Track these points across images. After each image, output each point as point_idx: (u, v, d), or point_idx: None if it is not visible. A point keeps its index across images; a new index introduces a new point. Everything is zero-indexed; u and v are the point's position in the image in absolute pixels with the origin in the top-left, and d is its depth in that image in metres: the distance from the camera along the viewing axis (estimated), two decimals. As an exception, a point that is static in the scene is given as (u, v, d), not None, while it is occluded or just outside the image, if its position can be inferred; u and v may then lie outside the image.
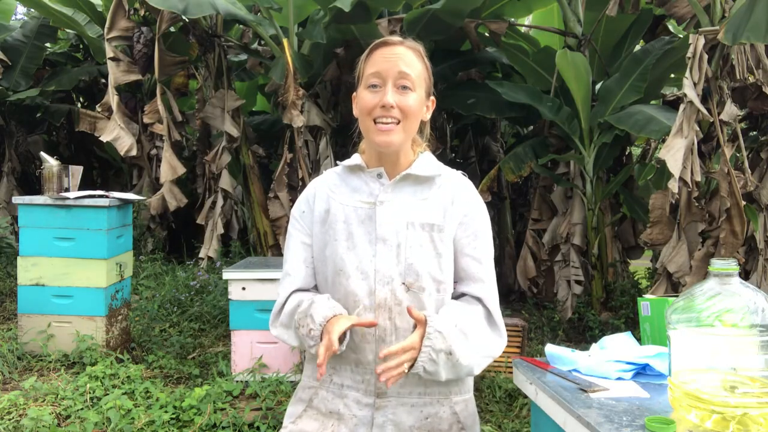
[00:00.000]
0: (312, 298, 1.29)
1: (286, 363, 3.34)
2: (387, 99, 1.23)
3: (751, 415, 0.95)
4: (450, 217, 1.30)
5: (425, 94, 1.31)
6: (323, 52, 5.27)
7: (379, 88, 1.25)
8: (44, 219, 3.67)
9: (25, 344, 3.67)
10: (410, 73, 1.25)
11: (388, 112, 1.23)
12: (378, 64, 1.26)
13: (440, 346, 1.17)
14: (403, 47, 1.27)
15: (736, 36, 3.29)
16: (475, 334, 1.24)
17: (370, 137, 1.27)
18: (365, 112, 1.27)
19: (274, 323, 1.37)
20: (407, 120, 1.26)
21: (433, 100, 1.35)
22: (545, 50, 5.35)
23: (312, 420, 1.32)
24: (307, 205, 1.37)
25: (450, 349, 1.18)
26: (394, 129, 1.24)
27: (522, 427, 2.91)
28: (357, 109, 1.32)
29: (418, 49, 1.30)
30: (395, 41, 1.28)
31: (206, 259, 5.71)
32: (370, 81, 1.26)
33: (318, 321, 1.22)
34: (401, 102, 1.24)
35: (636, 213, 5.06)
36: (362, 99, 1.27)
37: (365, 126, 1.28)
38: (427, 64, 1.31)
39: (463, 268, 1.32)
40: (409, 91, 1.25)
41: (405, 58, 1.26)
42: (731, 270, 1.02)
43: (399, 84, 1.25)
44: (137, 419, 2.75)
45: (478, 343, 1.25)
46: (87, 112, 6.46)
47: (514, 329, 3.53)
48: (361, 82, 1.30)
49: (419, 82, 1.27)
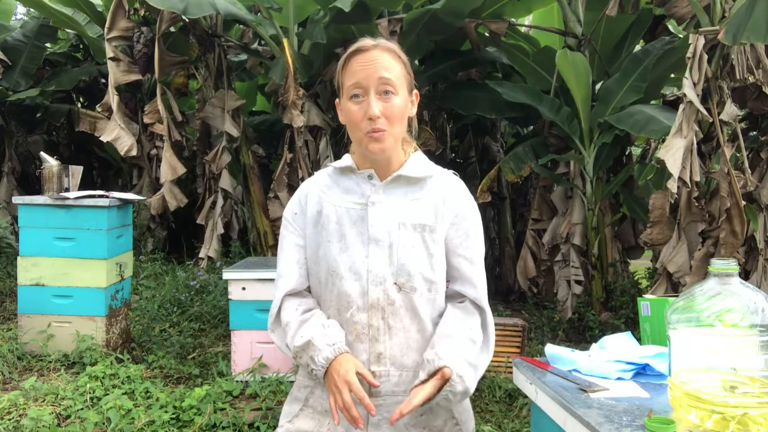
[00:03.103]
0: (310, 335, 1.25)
1: (286, 363, 3.34)
2: (372, 111, 1.23)
3: (751, 415, 0.95)
4: (441, 218, 1.31)
5: (408, 92, 1.31)
6: (323, 52, 5.27)
7: (362, 98, 1.25)
8: (44, 219, 3.67)
9: (25, 344, 3.67)
10: (390, 77, 1.25)
11: (375, 124, 1.24)
12: (356, 75, 1.25)
13: (459, 389, 1.21)
14: (377, 51, 1.26)
15: (736, 36, 3.29)
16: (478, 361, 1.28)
17: (363, 146, 1.28)
18: (353, 125, 1.27)
19: (272, 328, 1.37)
20: (393, 125, 1.26)
21: (416, 94, 1.35)
22: (545, 50, 5.35)
23: (308, 419, 1.32)
24: (299, 207, 1.38)
25: (467, 389, 1.22)
26: (384, 135, 1.25)
27: (522, 427, 2.91)
28: (343, 119, 1.32)
29: (393, 48, 1.30)
30: (368, 46, 1.27)
31: (206, 259, 5.71)
32: (351, 92, 1.26)
33: (320, 364, 1.23)
34: (386, 110, 1.25)
35: (636, 213, 5.06)
36: (348, 112, 1.27)
37: (356, 137, 1.29)
38: (404, 61, 1.31)
39: (456, 267, 1.33)
40: (392, 95, 1.25)
41: (382, 62, 1.25)
42: (731, 270, 1.02)
43: (381, 90, 1.25)
44: (137, 419, 2.75)
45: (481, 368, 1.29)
46: (87, 112, 6.47)
47: (514, 329, 3.53)
48: (342, 92, 1.30)
49: (400, 83, 1.27)
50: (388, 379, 1.27)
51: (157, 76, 5.53)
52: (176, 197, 5.72)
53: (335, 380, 1.19)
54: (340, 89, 1.31)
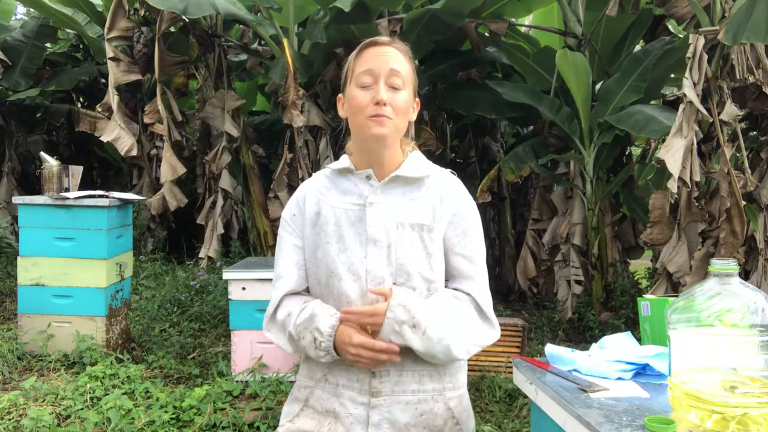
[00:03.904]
0: (311, 309, 1.29)
1: (286, 363, 3.34)
2: (380, 96, 1.25)
3: (751, 415, 0.94)
4: (439, 217, 1.32)
5: (413, 94, 1.34)
6: (323, 52, 5.27)
7: (371, 86, 1.27)
8: (44, 219, 3.67)
9: (25, 344, 3.67)
10: (400, 71, 1.29)
11: (381, 109, 1.26)
12: (369, 62, 1.28)
13: (402, 318, 1.21)
14: (392, 47, 1.31)
15: (736, 36, 3.29)
16: (454, 316, 1.26)
17: (364, 132, 1.28)
18: (358, 110, 1.28)
19: (268, 327, 1.39)
20: (397, 117, 1.28)
21: (417, 102, 1.38)
22: (545, 50, 5.35)
23: (309, 419, 1.33)
24: (297, 208, 1.39)
25: (413, 321, 1.21)
26: (386, 121, 1.26)
27: (522, 427, 2.91)
28: (346, 108, 1.33)
29: (406, 50, 1.34)
30: (384, 41, 1.32)
31: (206, 259, 5.71)
32: (361, 79, 1.28)
33: (326, 333, 1.25)
34: (392, 100, 1.27)
35: (636, 213, 5.06)
36: (354, 97, 1.28)
37: (358, 122, 1.29)
38: (413, 65, 1.36)
39: (454, 266, 1.33)
40: (399, 90, 1.29)
41: (395, 57, 1.30)
42: (731, 270, 1.02)
43: (390, 82, 1.28)
44: (137, 419, 2.75)
45: (459, 326, 1.26)
46: (87, 112, 6.46)
47: (514, 329, 3.53)
48: (350, 80, 1.32)
49: (408, 81, 1.31)
50: (388, 379, 1.28)
51: (157, 76, 5.53)
52: (176, 197, 5.72)
53: (348, 351, 1.23)
54: (348, 78, 1.33)
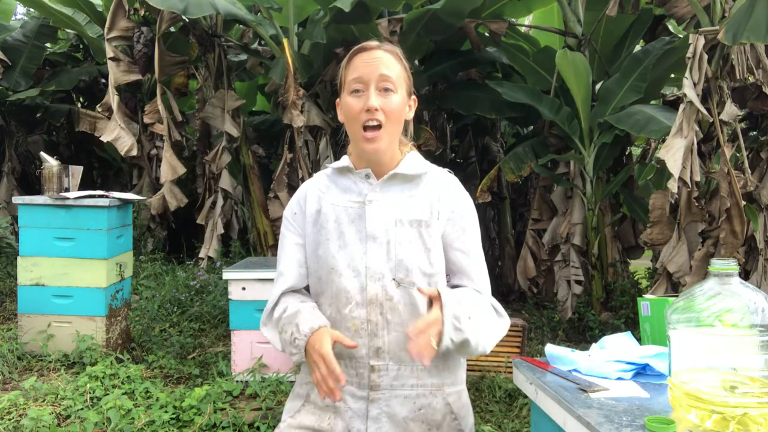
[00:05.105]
0: (298, 306, 1.32)
1: (286, 363, 3.34)
2: (371, 102, 1.28)
3: (751, 415, 0.95)
4: (437, 213, 1.35)
5: (407, 94, 1.36)
6: (323, 52, 5.26)
7: (362, 92, 1.30)
8: (44, 219, 3.67)
9: (25, 344, 3.67)
10: (390, 75, 1.31)
11: (373, 115, 1.29)
12: (359, 69, 1.31)
13: (459, 312, 1.21)
14: (381, 51, 1.33)
15: (736, 36, 3.29)
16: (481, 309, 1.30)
17: (359, 145, 1.33)
18: (351, 118, 1.32)
19: (265, 323, 1.42)
20: (390, 121, 1.31)
21: (414, 99, 1.41)
22: (545, 50, 5.35)
23: (310, 414, 1.35)
24: (298, 207, 1.43)
25: (469, 313, 1.23)
26: (379, 135, 1.30)
27: (522, 427, 2.91)
28: (342, 115, 1.37)
29: (396, 51, 1.36)
30: (373, 46, 1.34)
31: (206, 259, 5.71)
32: (352, 86, 1.32)
33: (303, 331, 1.26)
34: (384, 105, 1.29)
35: (636, 213, 5.06)
36: (347, 105, 1.32)
37: (353, 132, 1.33)
38: (405, 65, 1.37)
39: (454, 262, 1.36)
40: (391, 93, 1.31)
41: (384, 61, 1.32)
42: (731, 270, 1.02)
43: (381, 87, 1.30)
44: (137, 419, 2.75)
45: (486, 319, 1.30)
46: (87, 112, 6.46)
47: (514, 329, 3.52)
48: (343, 88, 1.35)
49: (400, 82, 1.33)
50: (387, 373, 1.30)
51: (157, 76, 5.53)
52: (176, 197, 5.72)
53: (312, 356, 1.23)
54: (342, 86, 1.36)
